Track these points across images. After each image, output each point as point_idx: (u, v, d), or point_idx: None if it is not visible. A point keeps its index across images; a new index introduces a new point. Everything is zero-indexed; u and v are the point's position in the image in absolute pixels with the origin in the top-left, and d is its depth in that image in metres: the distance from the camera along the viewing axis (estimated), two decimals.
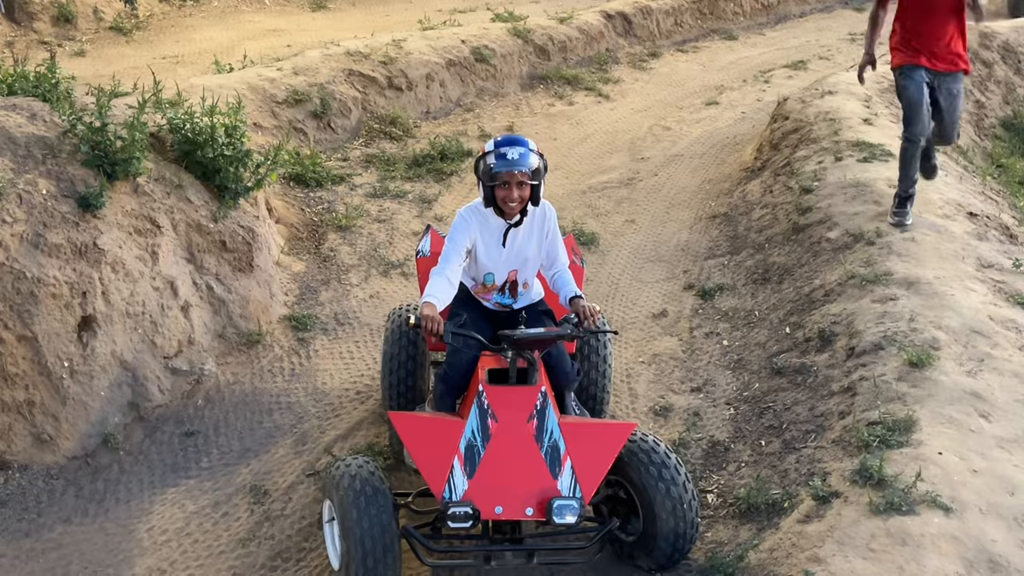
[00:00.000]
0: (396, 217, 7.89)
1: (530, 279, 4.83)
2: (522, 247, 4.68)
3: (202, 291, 5.95)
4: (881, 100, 9.19)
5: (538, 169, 4.46)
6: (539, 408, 4.30)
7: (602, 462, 4.20)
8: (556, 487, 4.10)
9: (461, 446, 4.17)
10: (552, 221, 4.74)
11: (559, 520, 4.01)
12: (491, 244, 4.63)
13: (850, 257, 6.57)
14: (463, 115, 10.30)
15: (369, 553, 3.97)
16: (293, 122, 8.86)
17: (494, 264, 4.69)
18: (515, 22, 11.72)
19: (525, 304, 4.85)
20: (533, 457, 4.17)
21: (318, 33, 11.86)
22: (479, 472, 4.11)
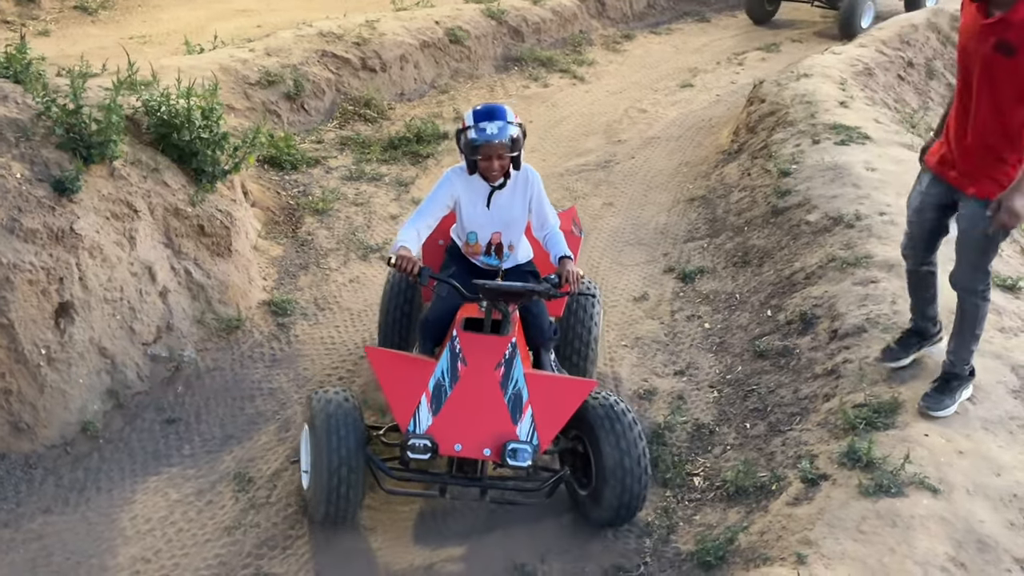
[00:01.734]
0: (373, 200, 7.82)
1: (515, 241, 5.02)
2: (505, 209, 4.88)
3: (180, 276, 5.87)
4: (856, 83, 9.24)
5: (517, 139, 4.65)
6: (507, 358, 4.54)
7: (561, 413, 4.48)
8: (514, 432, 4.39)
9: (430, 384, 4.46)
10: (536, 185, 4.91)
11: (512, 462, 4.32)
12: (476, 204, 4.87)
13: (830, 240, 6.60)
14: (438, 97, 10.23)
15: (334, 471, 4.33)
16: (267, 104, 8.75)
17: (477, 224, 4.92)
18: (488, 3, 11.64)
19: (511, 265, 5.07)
20: (496, 402, 4.45)
21: (288, 14, 11.69)
22: (443, 410, 4.42)
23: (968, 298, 4.67)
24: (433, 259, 5.39)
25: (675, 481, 5.07)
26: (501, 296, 4.59)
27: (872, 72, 9.62)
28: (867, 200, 6.89)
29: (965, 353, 4.75)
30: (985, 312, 4.70)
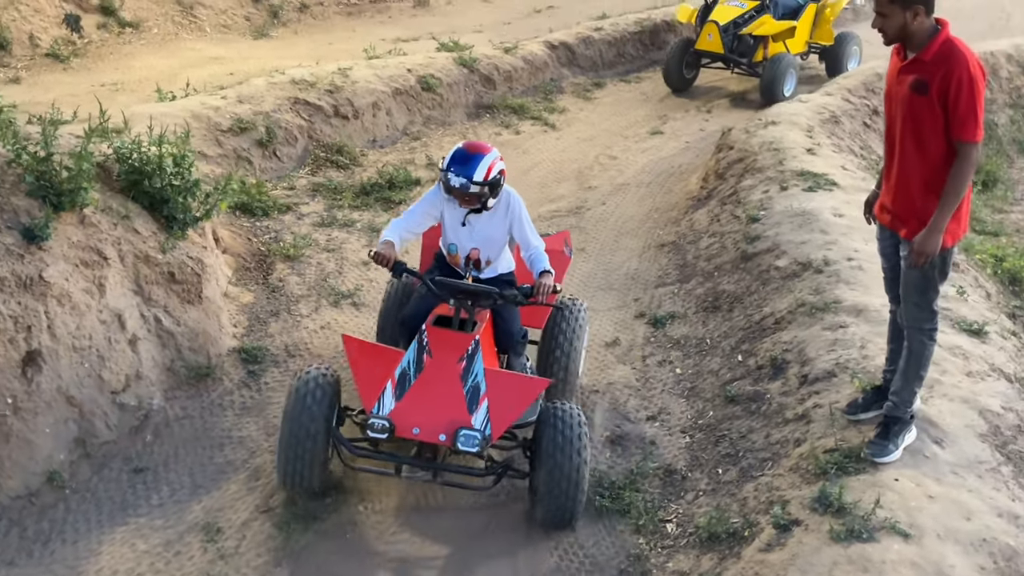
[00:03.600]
0: (345, 246, 7.82)
1: (493, 257, 5.42)
2: (484, 229, 5.30)
3: (150, 324, 5.82)
4: (823, 130, 9.37)
5: (480, 192, 5.05)
6: (470, 353, 4.96)
7: (515, 408, 4.90)
8: (469, 421, 4.77)
9: (396, 372, 4.89)
10: (516, 208, 5.31)
11: (462, 447, 4.70)
12: (454, 222, 5.31)
13: (799, 285, 6.67)
14: (410, 143, 10.27)
15: (297, 439, 4.80)
16: (238, 151, 8.75)
17: (456, 239, 5.37)
18: (460, 51, 11.73)
19: (490, 276, 5.44)
20: (455, 393, 4.85)
21: (261, 61, 11.75)
22: (406, 397, 4.82)
23: (915, 336, 4.73)
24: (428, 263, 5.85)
25: (648, 528, 5.06)
26: (459, 294, 5.12)
27: (839, 120, 9.77)
28: (835, 246, 6.98)
29: (908, 394, 4.80)
30: (930, 353, 4.77)
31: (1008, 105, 11.59)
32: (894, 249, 4.84)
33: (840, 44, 12.57)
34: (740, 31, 12.00)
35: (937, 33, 4.43)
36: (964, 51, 4.35)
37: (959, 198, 4.44)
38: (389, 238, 5.11)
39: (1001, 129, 11.24)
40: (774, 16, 12.09)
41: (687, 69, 12.44)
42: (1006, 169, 10.45)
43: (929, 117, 4.39)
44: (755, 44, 12.07)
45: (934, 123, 4.39)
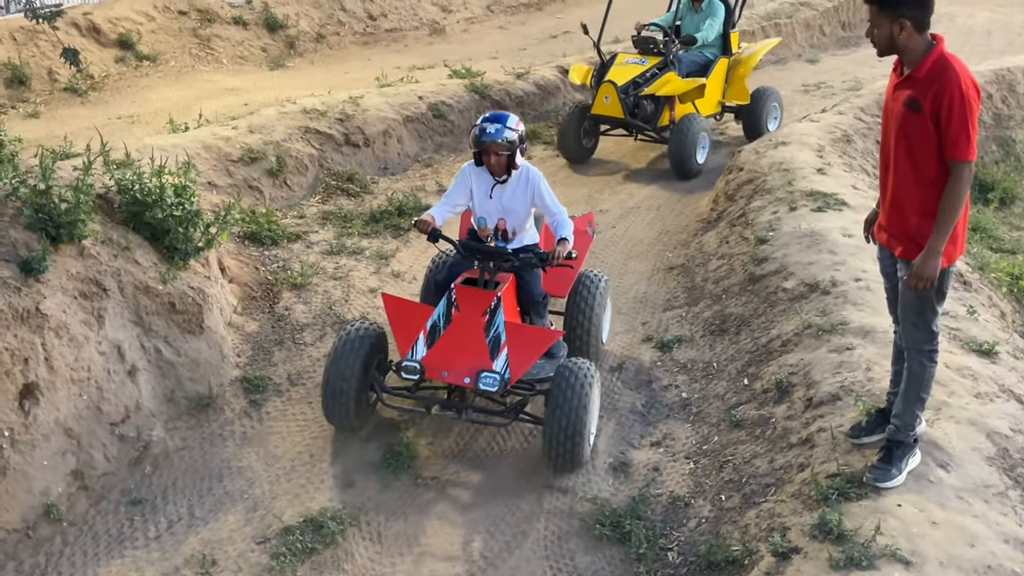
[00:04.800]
0: (352, 274, 7.79)
1: (519, 229, 6.03)
2: (509, 201, 5.91)
3: (150, 354, 5.81)
4: (834, 149, 9.26)
5: (513, 141, 5.69)
6: (492, 308, 5.65)
7: (531, 355, 5.60)
8: (491, 366, 5.48)
9: (428, 324, 5.63)
10: (535, 179, 5.89)
11: (483, 387, 5.41)
12: (482, 194, 5.95)
13: (806, 307, 6.55)
14: (421, 170, 10.26)
15: (337, 378, 5.54)
16: (248, 180, 8.77)
17: (484, 211, 6.00)
18: (472, 78, 11.74)
19: (516, 247, 6.01)
20: (479, 342, 5.54)
21: (276, 92, 11.81)
22: (437, 345, 5.56)
23: (914, 358, 4.61)
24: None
25: (649, 556, 4.95)
26: (480, 254, 5.83)
27: (850, 138, 9.65)
28: (843, 266, 6.86)
29: (909, 417, 4.67)
30: (931, 374, 4.63)
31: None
32: (893, 268, 4.73)
33: (757, 102, 10.88)
34: (642, 92, 10.11)
35: (931, 50, 4.33)
36: (957, 68, 4.25)
37: (955, 219, 4.33)
38: (430, 214, 5.84)
39: (1019, 146, 11.07)
40: (680, 74, 10.22)
41: (585, 137, 10.53)
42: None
43: (922, 135, 4.30)
44: (660, 106, 10.26)
45: (927, 141, 4.29)
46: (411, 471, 5.64)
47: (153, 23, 13.22)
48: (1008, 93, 11.49)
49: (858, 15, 16.56)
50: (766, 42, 11.66)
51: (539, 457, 5.70)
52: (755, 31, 14.81)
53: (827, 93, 13.05)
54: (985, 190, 9.90)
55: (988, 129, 10.96)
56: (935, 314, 4.54)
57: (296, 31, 14.69)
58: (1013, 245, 8.78)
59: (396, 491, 5.49)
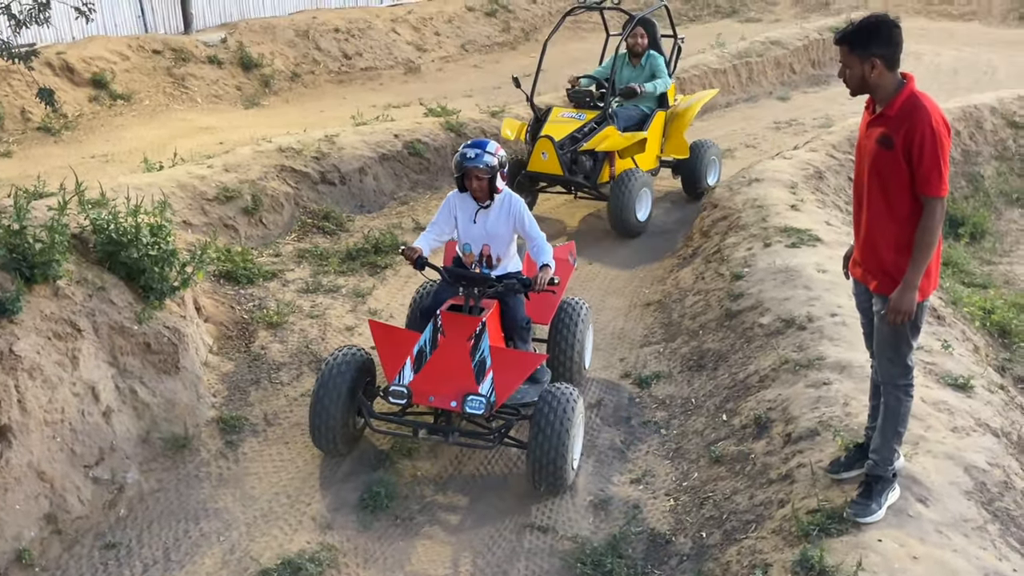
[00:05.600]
0: (329, 312, 7.76)
1: (503, 255, 6.21)
2: (492, 226, 6.10)
3: (125, 395, 5.74)
4: (807, 186, 9.36)
5: (493, 165, 5.89)
6: (477, 333, 5.78)
7: (516, 379, 5.71)
8: (476, 389, 5.60)
9: (414, 350, 5.76)
10: (517, 205, 6.08)
11: (469, 410, 5.54)
12: (467, 220, 6.14)
13: (783, 342, 6.59)
14: (397, 208, 10.27)
15: (323, 401, 5.66)
16: (224, 219, 8.75)
17: (469, 237, 6.18)
18: (447, 116, 11.80)
19: (500, 273, 6.17)
20: (465, 366, 5.67)
21: (251, 130, 11.82)
22: (423, 370, 5.68)
23: (890, 392, 4.64)
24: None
25: None
26: (465, 280, 5.96)
27: (822, 175, 9.77)
28: (818, 302, 6.91)
29: (887, 452, 4.69)
30: (907, 409, 4.67)
31: (994, 157, 11.60)
32: (869, 303, 4.77)
33: (696, 155, 10.48)
34: (580, 147, 9.66)
35: (902, 88, 4.41)
36: (927, 106, 4.33)
37: (929, 254, 4.39)
38: (417, 243, 6.02)
39: (988, 181, 11.24)
40: (618, 128, 9.79)
41: (521, 193, 9.56)
42: (994, 221, 10.42)
43: (895, 172, 4.36)
44: (599, 162, 9.81)
45: (900, 178, 4.36)
46: (390, 511, 5.59)
47: (127, 62, 13.21)
48: (976, 130, 11.68)
49: (827, 53, 16.82)
50: (703, 94, 11.31)
51: (520, 492, 5.70)
52: (726, 69, 15.00)
53: (799, 130, 13.22)
54: (956, 225, 10.03)
55: (957, 165, 11.12)
56: (910, 348, 4.58)
57: (271, 70, 14.73)
58: (984, 279, 8.89)
59: (375, 531, 5.44)
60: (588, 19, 17.90)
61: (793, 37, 16.59)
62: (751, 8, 21.73)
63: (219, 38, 14.71)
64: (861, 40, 4.38)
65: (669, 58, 10.47)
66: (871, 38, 4.36)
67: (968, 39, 18.93)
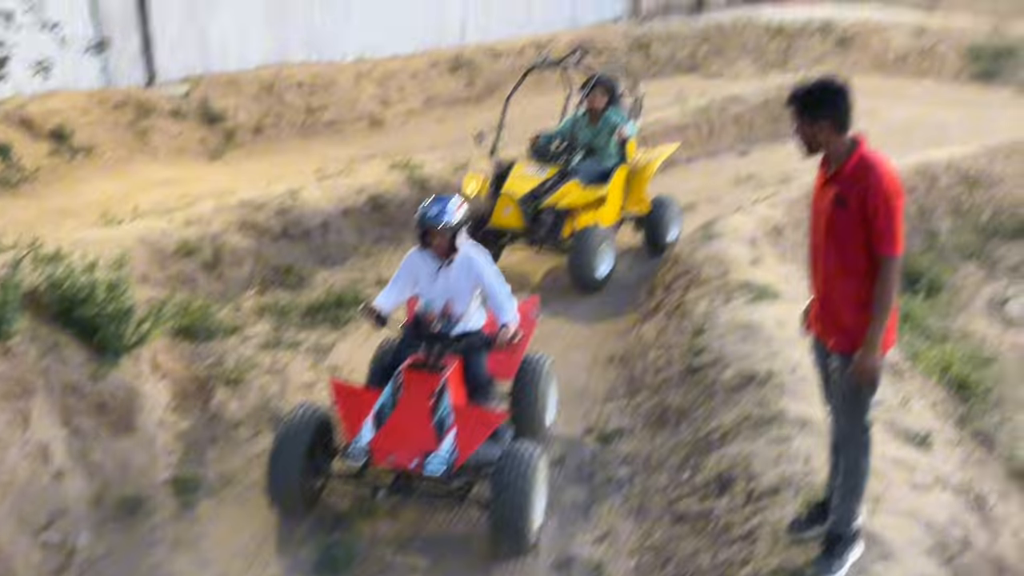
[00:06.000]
0: (289, 368, 7.69)
1: (465, 311, 6.16)
2: (454, 283, 6.09)
3: (77, 456, 5.62)
4: (766, 241, 9.45)
5: (454, 224, 5.90)
6: (438, 391, 5.73)
7: (477, 437, 5.65)
8: (437, 449, 5.54)
9: (374, 408, 5.69)
10: (479, 262, 6.09)
11: (428, 470, 5.49)
12: (428, 278, 6.14)
13: (744, 398, 6.60)
14: (360, 262, 10.23)
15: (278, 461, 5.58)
16: (184, 274, 8.67)
17: (430, 295, 6.15)
18: (411, 169, 11.82)
19: (461, 331, 6.14)
20: (425, 425, 5.62)
21: (214, 183, 11.73)
22: (383, 429, 5.63)
23: (850, 451, 4.66)
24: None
25: None
26: (426, 338, 5.94)
27: (782, 230, 9.88)
28: (779, 357, 6.93)
29: (848, 510, 4.69)
30: (867, 467, 4.68)
31: (948, 213, 11.80)
32: (827, 360, 4.80)
33: (658, 210, 10.53)
34: (542, 203, 9.73)
35: (854, 149, 4.49)
36: (879, 167, 4.40)
37: (888, 312, 4.43)
38: (376, 301, 6.07)
39: (943, 236, 11.41)
40: (580, 184, 9.84)
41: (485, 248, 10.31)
42: (950, 276, 10.56)
43: (850, 231, 4.42)
44: (561, 217, 9.85)
45: (855, 236, 4.41)
46: (349, 573, 5.48)
47: (89, 116, 13.12)
48: (931, 186, 11.89)
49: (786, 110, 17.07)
50: (664, 149, 11.37)
51: (483, 553, 5.63)
52: (687, 125, 15.19)
53: (758, 185, 13.36)
54: (913, 280, 10.15)
55: (913, 221, 11.28)
56: (868, 406, 4.60)
57: (235, 123, 14.69)
58: (942, 334, 8.98)
59: None
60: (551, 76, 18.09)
61: (753, 94, 16.84)
62: (712, 64, 22.07)
63: (183, 91, 14.67)
64: (809, 104, 4.49)
65: (629, 115, 10.59)
66: (818, 102, 4.47)
67: (922, 97, 19.33)
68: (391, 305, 6.10)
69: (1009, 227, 11.93)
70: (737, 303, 7.91)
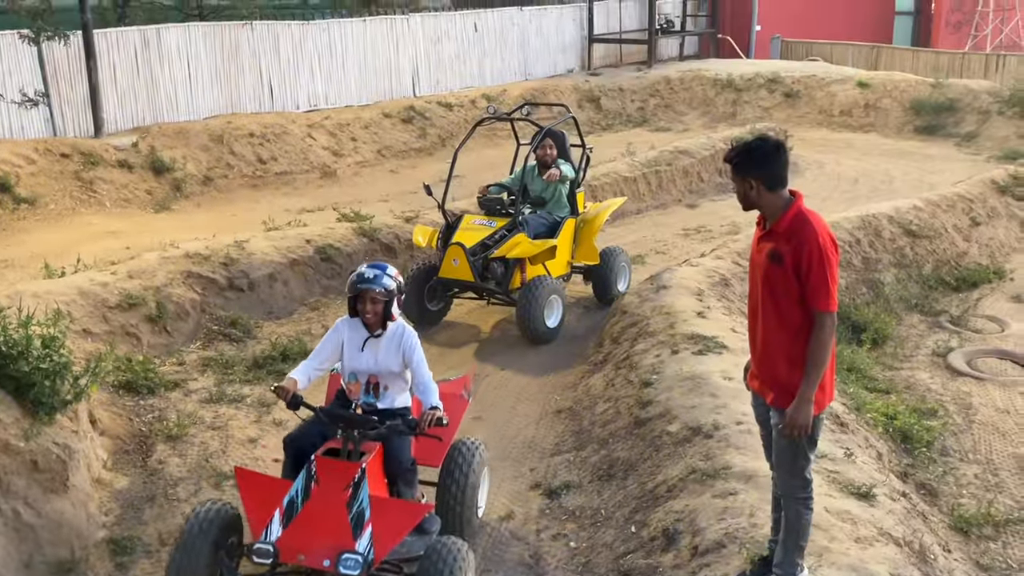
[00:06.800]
0: (232, 423, 7.56)
1: (391, 387, 5.76)
2: (382, 357, 5.67)
3: (7, 517, 5.46)
4: (713, 293, 9.52)
5: (391, 290, 5.53)
6: (356, 481, 5.20)
7: (398, 532, 5.17)
8: (353, 546, 5.01)
9: (284, 501, 5.16)
10: (410, 339, 5.68)
11: (342, 570, 4.92)
12: (354, 348, 5.69)
13: (690, 451, 6.59)
14: (307, 314, 10.16)
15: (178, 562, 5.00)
16: (126, 327, 8.55)
17: (356, 366, 5.71)
18: (361, 221, 11.79)
19: (386, 407, 5.72)
20: (341, 519, 5.10)
21: (160, 235, 11.63)
22: (293, 524, 5.09)
23: (791, 505, 4.68)
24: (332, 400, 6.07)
25: None
26: (345, 423, 5.39)
27: (728, 282, 9.97)
28: (724, 409, 6.96)
29: (790, 565, 4.69)
30: (807, 521, 4.70)
31: (892, 264, 11.98)
32: (768, 415, 4.82)
33: (607, 261, 10.61)
34: (491, 254, 9.75)
35: (789, 206, 4.55)
36: (814, 224, 4.47)
37: (822, 367, 4.47)
38: (294, 376, 5.54)
39: (888, 288, 11.57)
40: (529, 235, 9.88)
41: (431, 300, 10.04)
42: (895, 326, 10.70)
43: (785, 286, 4.48)
44: (510, 269, 9.86)
45: (790, 292, 4.47)
46: None
47: (33, 166, 13.01)
48: (875, 238, 12.08)
49: None
50: (612, 201, 11.54)
51: None
52: (636, 177, 15.36)
53: (706, 237, 13.53)
54: (858, 331, 10.27)
55: (858, 272, 11.46)
56: (808, 461, 4.62)
57: (183, 174, 14.64)
58: (887, 385, 9.07)
59: None
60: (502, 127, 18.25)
61: (700, 147, 17.10)
62: (661, 118, 22.43)
63: (130, 142, 14.60)
64: (742, 163, 4.59)
65: (578, 167, 10.70)
66: (750, 161, 4.56)
67: (867, 149, 19.76)
68: (309, 378, 5.61)
69: (951, 278, 12.15)
70: (684, 355, 7.94)
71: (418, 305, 9.84)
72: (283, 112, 17.86)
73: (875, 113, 21.88)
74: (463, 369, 9.01)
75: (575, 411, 8.17)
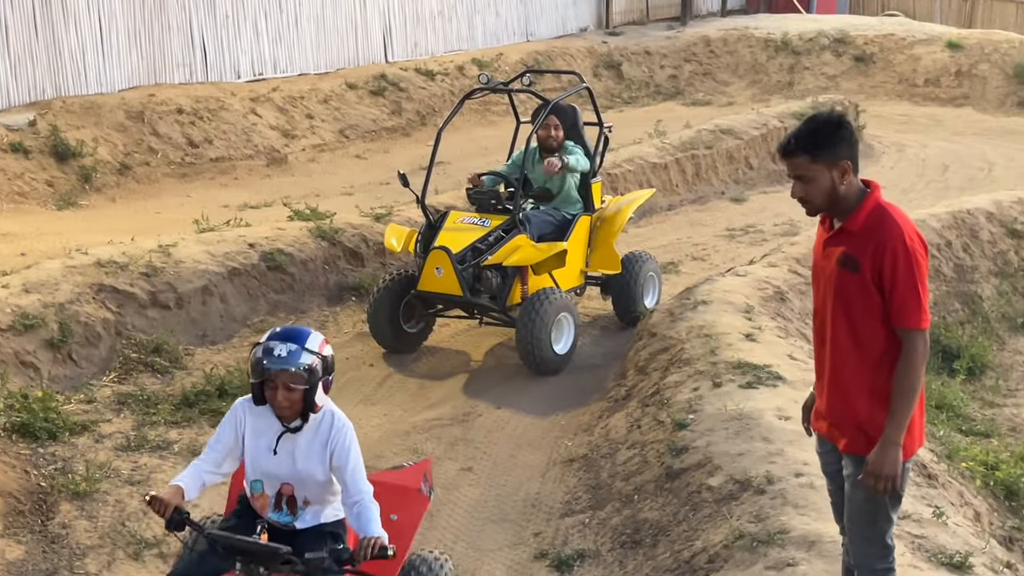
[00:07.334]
0: (155, 477, 7.61)
1: (313, 498, 5.04)
2: (301, 460, 4.92)
3: None
4: (765, 310, 9.57)
5: (314, 370, 4.73)
6: None
7: None
8: None
9: None
10: (343, 434, 4.92)
11: None
12: (262, 447, 4.94)
13: (737, 510, 6.62)
14: (250, 337, 10.18)
15: None
16: (20, 354, 8.63)
17: (263, 471, 4.98)
18: (318, 220, 11.84)
19: (310, 525, 5.04)
20: None
21: (64, 237, 11.69)
22: None
23: None
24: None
25: None
26: (243, 554, 4.67)
27: (784, 296, 10.01)
28: (780, 457, 6.98)
29: None
30: None
31: (993, 274, 12.04)
32: (838, 465, 4.81)
33: (630, 270, 10.58)
34: (484, 261, 9.61)
35: (865, 197, 4.51)
36: (898, 219, 4.44)
37: (913, 401, 4.44)
38: (178, 483, 4.81)
39: (987, 303, 11.65)
40: (531, 236, 9.75)
41: (408, 320, 9.99)
42: (996, 352, 10.75)
43: (862, 299, 4.45)
44: (508, 279, 9.76)
45: (869, 306, 4.44)
46: None
47: None
48: (970, 240, 12.15)
49: None
50: (637, 194, 11.59)
51: None
52: (667, 164, 15.43)
53: (756, 239, 13.60)
54: (950, 358, 10.32)
55: (949, 283, 11.52)
56: (890, 523, 4.62)
57: (93, 160, 14.69)
58: (986, 426, 9.11)
59: None
60: (498, 101, 18.34)
61: (749, 125, 17.18)
62: (699, 89, 22.55)
63: (26, 120, 14.65)
64: (827, 142, 4.45)
65: (594, 151, 10.71)
66: (837, 139, 4.46)
67: (959, 128, 19.86)
68: (203, 484, 4.92)
69: None
70: (728, 388, 7.97)
71: (391, 326, 9.83)
72: (220, 83, 17.92)
73: (970, 82, 22.02)
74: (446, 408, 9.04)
75: (591, 460, 8.20)
